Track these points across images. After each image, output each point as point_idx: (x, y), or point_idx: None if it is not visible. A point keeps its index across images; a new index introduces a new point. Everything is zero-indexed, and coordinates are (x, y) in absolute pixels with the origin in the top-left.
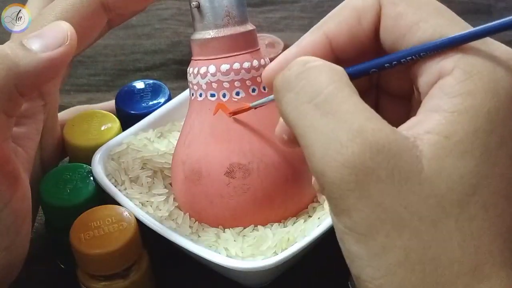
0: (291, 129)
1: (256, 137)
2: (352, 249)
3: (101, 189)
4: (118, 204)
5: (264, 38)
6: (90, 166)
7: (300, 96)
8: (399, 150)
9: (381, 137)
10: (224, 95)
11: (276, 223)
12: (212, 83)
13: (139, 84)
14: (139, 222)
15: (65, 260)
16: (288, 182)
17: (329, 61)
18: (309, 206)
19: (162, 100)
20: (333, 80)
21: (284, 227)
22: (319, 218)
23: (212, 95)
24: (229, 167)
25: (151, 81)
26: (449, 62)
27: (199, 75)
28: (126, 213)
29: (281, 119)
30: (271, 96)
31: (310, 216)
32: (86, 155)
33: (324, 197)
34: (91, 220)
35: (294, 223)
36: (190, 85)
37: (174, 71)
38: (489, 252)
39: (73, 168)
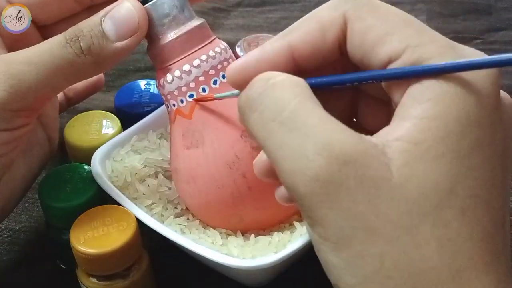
0: (261, 147)
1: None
2: (329, 258)
3: (101, 189)
4: (118, 204)
5: (264, 38)
6: (90, 166)
7: (265, 115)
8: (367, 158)
9: (348, 147)
10: (191, 96)
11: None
12: (196, 79)
13: (139, 84)
14: (139, 222)
15: (65, 260)
16: None
17: (290, 70)
18: None
19: (162, 100)
20: (295, 95)
21: (284, 226)
22: None
23: (191, 96)
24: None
25: (151, 81)
26: None
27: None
28: (126, 213)
29: None
30: (236, 91)
31: None
32: (86, 155)
33: None
34: (91, 220)
35: (293, 222)
36: (170, 96)
37: None
38: (469, 257)
39: (73, 168)
